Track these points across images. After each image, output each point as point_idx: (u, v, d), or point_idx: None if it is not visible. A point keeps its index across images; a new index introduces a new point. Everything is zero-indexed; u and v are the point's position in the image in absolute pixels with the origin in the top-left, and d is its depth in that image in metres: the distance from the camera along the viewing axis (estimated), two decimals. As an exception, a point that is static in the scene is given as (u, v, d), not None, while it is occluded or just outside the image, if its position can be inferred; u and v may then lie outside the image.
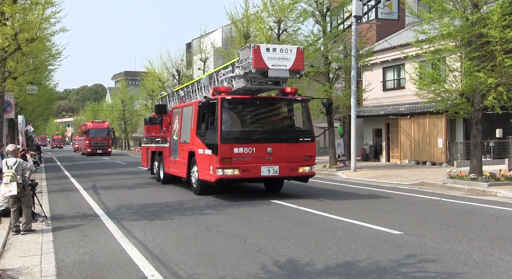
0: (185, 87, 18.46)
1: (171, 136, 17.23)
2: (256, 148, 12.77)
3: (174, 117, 17.19)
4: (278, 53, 12.48)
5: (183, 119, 15.86)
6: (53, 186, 18.34)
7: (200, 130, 13.84)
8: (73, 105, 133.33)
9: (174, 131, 16.94)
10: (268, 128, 13.86)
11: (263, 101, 14.23)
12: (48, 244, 8.15)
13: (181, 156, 15.67)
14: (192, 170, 14.56)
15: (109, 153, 52.79)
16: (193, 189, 14.66)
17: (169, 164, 17.22)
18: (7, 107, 21.07)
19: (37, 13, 14.96)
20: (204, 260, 6.90)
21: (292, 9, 26.12)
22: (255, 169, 12.80)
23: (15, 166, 9.16)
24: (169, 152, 17.18)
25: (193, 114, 14.60)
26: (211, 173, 12.83)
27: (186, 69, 47.81)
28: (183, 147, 15.45)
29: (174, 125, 17.01)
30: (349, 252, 7.18)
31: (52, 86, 41.49)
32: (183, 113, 16.02)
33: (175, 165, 16.38)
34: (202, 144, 13.44)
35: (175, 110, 17.48)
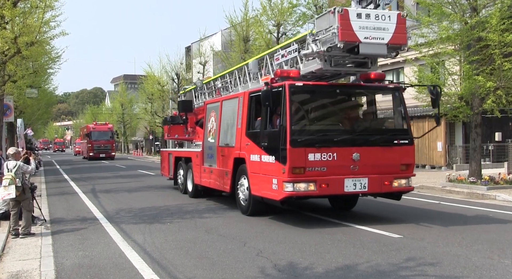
0: (221, 77, 15.16)
1: (205, 138, 13.80)
2: (338, 154, 9.49)
3: (209, 115, 13.73)
4: (373, 21, 9.09)
5: (223, 116, 12.59)
6: (52, 189, 18.32)
7: (253, 130, 10.77)
8: (72, 109, 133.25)
9: (209, 132, 13.53)
10: (352, 127, 10.47)
11: (346, 89, 10.99)
12: (47, 248, 8.15)
13: (221, 163, 12.40)
14: (240, 182, 11.27)
15: (112, 157, 49.28)
16: (241, 207, 11.29)
17: (202, 173, 13.74)
18: (7, 110, 21.06)
19: (37, 16, 14.98)
20: (203, 263, 6.90)
21: (291, 13, 26.23)
22: (336, 182, 9.49)
23: (15, 169, 9.17)
24: (202, 158, 13.74)
25: (241, 109, 11.39)
26: (275, 188, 9.58)
27: (186, 73, 47.85)
28: (224, 152, 12.19)
29: (209, 125, 13.58)
30: (348, 256, 7.18)
31: (51, 89, 41.51)
32: (223, 108, 12.70)
33: (212, 175, 13.01)
34: (258, 148, 10.29)
35: (209, 105, 14.02)
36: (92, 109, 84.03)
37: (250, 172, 10.65)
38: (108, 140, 49.58)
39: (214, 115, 13.33)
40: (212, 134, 13.28)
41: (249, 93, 11.22)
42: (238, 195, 11.40)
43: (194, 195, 14.69)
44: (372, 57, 9.98)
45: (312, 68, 10.07)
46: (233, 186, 11.60)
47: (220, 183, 12.41)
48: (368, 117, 11.59)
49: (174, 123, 18.23)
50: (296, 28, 27.09)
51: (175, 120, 18.22)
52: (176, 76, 46.10)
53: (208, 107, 14.05)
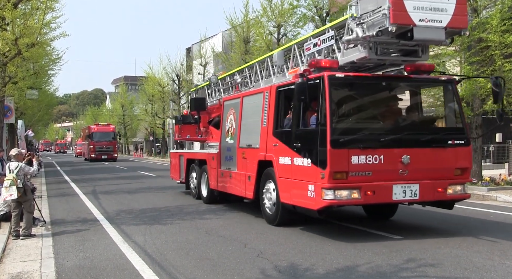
0: (239, 72, 13.71)
1: (222, 139, 12.51)
2: (385, 156, 8.27)
3: (227, 113, 12.41)
4: (429, 1, 7.88)
5: (244, 114, 11.36)
6: (52, 191, 18.32)
7: (283, 129, 9.61)
8: (73, 110, 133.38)
9: (227, 131, 12.24)
10: (401, 125, 9.18)
11: (394, 82, 9.47)
12: (48, 249, 8.14)
13: (242, 166, 11.18)
14: (266, 187, 10.05)
15: (114, 158, 47.93)
16: (267, 216, 10.12)
17: (219, 177, 12.44)
18: (7, 112, 21.10)
19: (38, 18, 15.02)
20: (204, 264, 6.90)
21: (291, 14, 26.21)
22: (384, 189, 8.28)
23: (16, 170, 9.19)
24: (219, 161, 12.47)
25: (266, 105, 10.20)
26: (311, 195, 8.37)
27: (186, 74, 47.88)
28: (246, 154, 10.98)
29: (227, 124, 12.28)
30: (349, 257, 7.18)
31: (52, 91, 41.58)
32: (244, 105, 11.44)
33: (231, 179, 11.75)
34: (289, 150, 9.11)
35: (227, 103, 12.68)
36: (92, 111, 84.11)
37: (279, 176, 9.45)
38: (110, 141, 48.35)
39: (233, 113, 12.02)
40: (231, 134, 11.96)
41: (276, 87, 9.96)
42: (263, 203, 10.19)
43: (210, 200, 13.39)
44: (425, 44, 8.72)
45: (353, 57, 8.80)
46: (257, 192, 10.43)
47: (241, 188, 11.17)
48: (417, 114, 9.94)
49: (186, 123, 16.94)
50: (296, 29, 27.09)
51: (187, 120, 16.87)
52: (177, 78, 46.14)
53: (226, 104, 12.66)
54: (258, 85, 12.01)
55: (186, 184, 15.49)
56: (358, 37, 8.26)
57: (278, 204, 9.61)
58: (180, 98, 46.63)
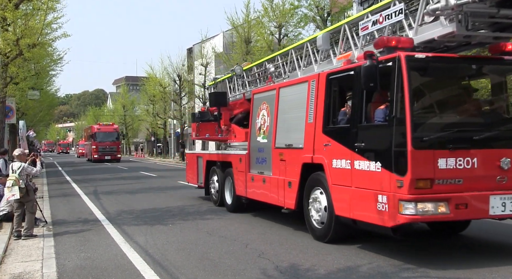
0: (270, 61, 12.06)
1: (251, 138, 10.93)
2: (479, 159, 6.66)
3: (258, 108, 10.74)
4: None
5: (282, 108, 9.70)
6: (54, 191, 18.34)
7: (337, 125, 7.94)
8: (74, 111, 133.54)
9: (258, 129, 10.64)
10: (497, 119, 7.54)
11: (488, 65, 7.65)
12: (49, 249, 8.15)
13: (279, 170, 9.51)
14: (313, 196, 8.39)
15: (118, 159, 46.37)
16: (314, 231, 8.44)
17: (248, 182, 10.82)
18: (9, 112, 21.09)
19: (39, 18, 15.05)
20: (205, 265, 6.90)
21: (292, 14, 26.26)
22: (478, 201, 6.65)
23: (19, 170, 9.22)
24: (248, 163, 10.85)
25: (313, 97, 8.50)
26: (383, 208, 6.71)
27: (187, 74, 47.89)
28: (285, 156, 9.31)
29: (259, 120, 10.64)
30: (350, 257, 7.18)
31: (53, 91, 41.74)
32: (282, 98, 9.76)
33: (264, 185, 10.12)
34: (347, 150, 7.43)
35: (258, 96, 10.95)
36: (94, 111, 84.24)
37: (332, 183, 7.78)
38: (113, 141, 46.89)
39: (266, 108, 10.35)
40: (263, 133, 10.34)
41: (327, 75, 8.20)
42: (309, 215, 8.52)
43: (235, 208, 11.79)
44: None
45: (432, 34, 7.11)
46: (300, 201, 8.81)
47: (278, 196, 9.50)
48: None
49: (204, 121, 15.21)
50: (297, 29, 27.14)
51: (205, 117, 15.22)
52: (178, 78, 46.15)
53: (257, 98, 10.95)
54: (295, 75, 10.43)
55: (205, 188, 13.87)
56: (448, 6, 6.49)
57: (331, 217, 7.89)
58: (181, 98, 46.66)
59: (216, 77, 16.28)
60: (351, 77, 7.50)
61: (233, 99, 13.89)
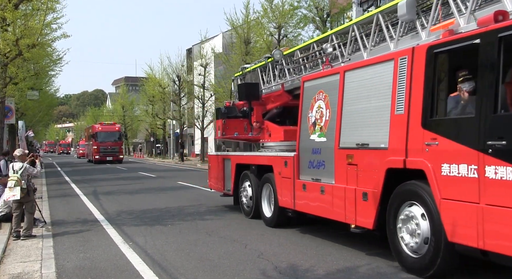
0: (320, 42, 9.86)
1: (301, 136, 8.97)
2: None
3: (311, 98, 8.70)
4: None
5: (349, 96, 7.65)
6: (53, 191, 18.34)
7: (449, 116, 6.07)
8: (73, 111, 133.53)
9: (311, 125, 8.63)
10: None
11: None
12: (48, 250, 8.15)
13: (346, 176, 7.52)
14: (406, 213, 6.36)
15: (120, 160, 44.52)
16: (409, 262, 6.39)
17: (298, 191, 8.85)
18: (8, 112, 21.09)
19: (39, 19, 15.04)
20: (204, 265, 6.90)
21: (292, 15, 26.27)
22: None
23: (21, 170, 9.22)
24: (297, 167, 8.90)
25: (404, 79, 6.56)
26: None
27: (187, 75, 47.92)
28: (357, 158, 7.33)
29: (312, 114, 8.65)
30: (349, 258, 7.18)
31: (52, 91, 41.67)
32: (349, 84, 7.68)
33: (322, 196, 8.10)
34: (471, 151, 5.53)
35: (310, 83, 8.89)
36: (93, 111, 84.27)
37: (442, 197, 5.81)
38: (115, 141, 44.96)
39: (324, 98, 8.35)
40: (320, 130, 8.35)
41: (428, 48, 6.29)
42: (397, 238, 6.52)
43: (277, 222, 9.80)
44: None
45: None
46: (382, 218, 6.79)
47: (346, 211, 7.50)
48: None
49: (231, 117, 13.00)
50: (297, 30, 27.15)
51: (232, 113, 13.09)
52: (177, 78, 46.16)
53: (309, 86, 8.89)
54: (357, 57, 8.44)
55: (234, 197, 12.04)
56: None
57: (438, 243, 5.89)
58: (181, 99, 46.67)
59: (244, 66, 13.79)
60: (473, 49, 5.60)
61: (267, 91, 11.84)
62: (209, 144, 51.23)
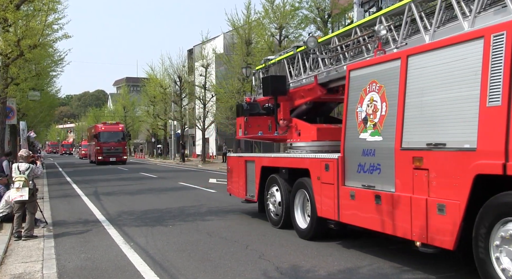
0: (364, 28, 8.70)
1: (346, 135, 7.63)
2: None
3: (360, 90, 7.39)
4: None
5: (413, 87, 6.35)
6: (54, 192, 18.35)
7: None
8: (74, 111, 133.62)
9: (361, 122, 7.30)
10: None
11: None
12: (49, 250, 8.16)
13: (412, 184, 6.22)
14: (502, 235, 5.15)
15: (124, 161, 43.21)
16: None
17: (343, 199, 7.57)
18: (9, 113, 21.09)
19: (40, 19, 15.05)
20: (205, 266, 6.90)
21: (293, 16, 26.30)
22: None
23: (28, 171, 9.24)
24: (342, 172, 7.60)
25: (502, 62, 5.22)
26: None
27: (188, 76, 47.98)
28: (427, 162, 6.02)
29: (362, 109, 7.31)
30: (350, 258, 7.18)
31: (54, 92, 41.74)
32: (412, 72, 6.40)
33: (378, 207, 6.80)
34: None
35: (357, 73, 7.55)
36: (94, 112, 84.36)
37: None
38: (119, 141, 43.43)
39: (378, 90, 7.02)
40: (373, 127, 7.05)
41: None
42: (492, 261, 5.29)
43: (315, 234, 8.50)
44: None
45: None
46: (467, 238, 5.53)
47: (412, 225, 6.18)
48: None
49: (254, 114, 11.70)
50: (298, 31, 27.17)
51: (255, 110, 11.78)
52: (178, 79, 46.23)
53: (357, 76, 7.54)
54: (417, 41, 7.08)
55: (259, 203, 10.88)
56: None
57: None
58: (182, 99, 46.72)
59: (267, 58, 12.31)
60: None
61: (296, 85, 10.52)
62: (210, 144, 51.31)
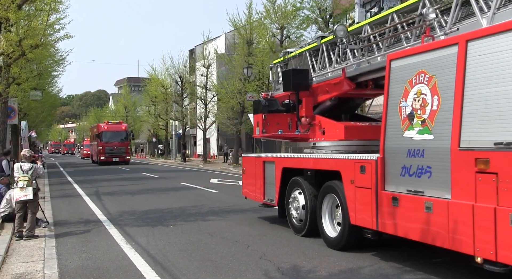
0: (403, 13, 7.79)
1: (388, 133, 6.80)
2: None
3: (403, 82, 6.58)
4: None
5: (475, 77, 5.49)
6: (56, 192, 18.36)
7: None
8: (76, 111, 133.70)
9: (409, 118, 6.43)
10: None
11: None
12: (50, 250, 8.17)
13: (474, 191, 5.37)
14: None
15: (127, 161, 42.26)
16: None
17: (383, 206, 6.69)
18: (11, 113, 21.14)
19: (42, 19, 15.06)
20: (206, 266, 6.90)
21: (295, 16, 26.32)
22: None
23: (31, 171, 9.26)
24: (381, 175, 6.76)
25: None
26: None
27: (189, 76, 48.00)
28: (495, 164, 5.16)
29: (407, 103, 6.49)
30: (351, 259, 7.17)
31: (55, 92, 41.80)
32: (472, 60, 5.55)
33: (429, 216, 5.94)
34: None
35: (401, 63, 6.70)
36: (95, 112, 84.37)
37: None
38: (122, 141, 42.38)
39: (428, 81, 6.14)
40: (421, 123, 6.19)
41: None
42: None
43: (347, 244, 7.66)
44: None
45: None
46: None
47: (475, 239, 5.35)
48: None
49: (273, 111, 10.83)
50: (299, 31, 27.18)
51: (274, 106, 10.91)
52: (180, 79, 46.25)
53: (400, 66, 6.67)
54: (471, 26, 6.22)
55: (279, 208, 10.15)
56: None
57: None
58: (183, 99, 46.74)
59: (287, 50, 11.35)
60: None
61: (319, 79, 9.64)
62: (211, 144, 51.32)
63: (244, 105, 32.30)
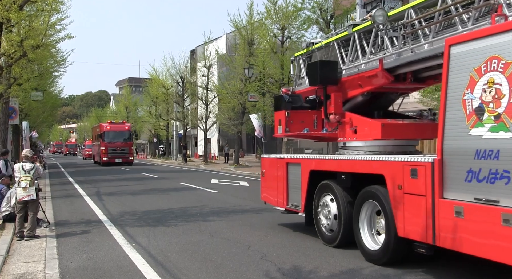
0: None
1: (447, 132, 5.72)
2: None
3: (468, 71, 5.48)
4: None
5: None
6: (56, 192, 18.36)
7: None
8: (77, 112, 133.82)
9: (476, 112, 5.34)
10: None
11: None
12: (51, 250, 8.17)
13: None
14: None
15: (130, 162, 41.14)
16: None
17: (442, 218, 5.69)
18: (12, 113, 21.16)
19: (43, 20, 15.07)
20: (207, 266, 6.90)
21: (296, 17, 26.32)
22: None
23: (33, 171, 9.28)
24: (439, 180, 5.72)
25: None
26: None
27: (190, 76, 48.03)
28: None
29: (473, 95, 5.38)
30: (353, 259, 7.17)
31: (56, 92, 41.80)
32: None
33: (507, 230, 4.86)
34: None
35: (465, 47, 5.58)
36: (96, 112, 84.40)
37: None
38: (125, 141, 41.14)
39: (504, 68, 5.12)
40: (493, 119, 5.19)
41: None
42: None
43: (392, 258, 6.74)
44: None
45: None
46: None
47: None
48: None
49: (297, 108, 9.79)
50: (300, 31, 27.18)
51: (298, 103, 9.88)
52: (181, 80, 46.27)
53: (463, 52, 5.62)
54: None
55: (305, 215, 9.19)
56: None
57: None
58: (184, 100, 46.76)
59: (312, 42, 10.30)
60: None
61: (350, 73, 8.62)
62: (212, 145, 51.34)
63: (245, 106, 32.31)
